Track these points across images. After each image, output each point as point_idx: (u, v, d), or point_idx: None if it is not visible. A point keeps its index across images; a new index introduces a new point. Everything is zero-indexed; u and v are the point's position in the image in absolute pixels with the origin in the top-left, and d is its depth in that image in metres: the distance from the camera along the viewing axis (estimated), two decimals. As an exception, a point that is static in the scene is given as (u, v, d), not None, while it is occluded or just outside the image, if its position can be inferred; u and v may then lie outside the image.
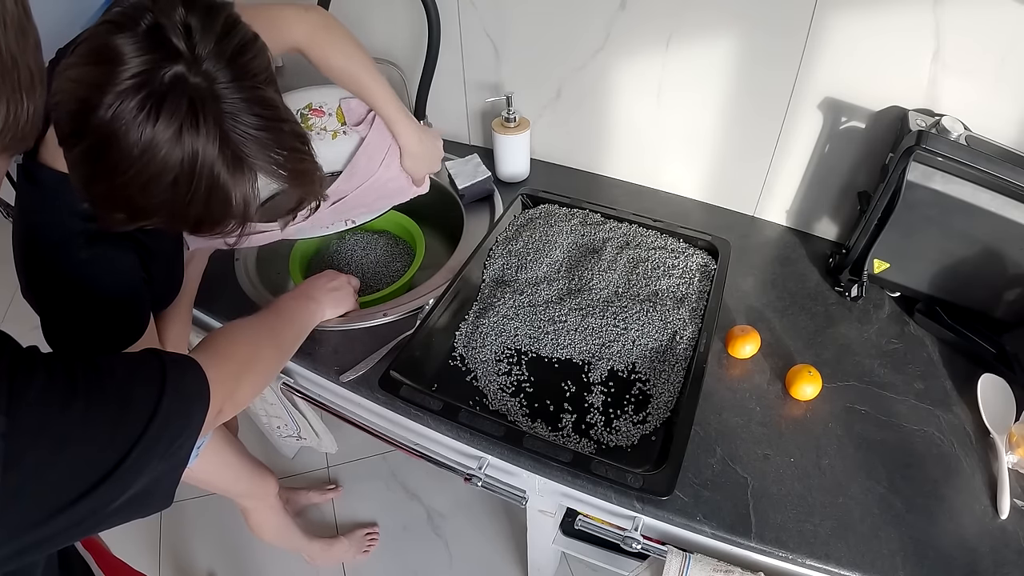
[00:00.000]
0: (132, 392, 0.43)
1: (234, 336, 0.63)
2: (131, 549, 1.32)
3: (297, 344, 0.74)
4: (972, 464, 0.69)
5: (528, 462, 0.70)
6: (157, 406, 0.43)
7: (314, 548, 1.30)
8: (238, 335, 0.63)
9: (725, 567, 0.66)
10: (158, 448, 0.43)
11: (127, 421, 0.41)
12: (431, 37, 1.00)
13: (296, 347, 0.74)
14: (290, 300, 0.77)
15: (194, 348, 0.57)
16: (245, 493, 1.06)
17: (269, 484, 1.09)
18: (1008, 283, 0.77)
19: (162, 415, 0.43)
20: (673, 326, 0.81)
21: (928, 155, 0.72)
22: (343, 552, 1.34)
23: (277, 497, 1.13)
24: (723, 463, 0.69)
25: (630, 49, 0.96)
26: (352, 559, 1.36)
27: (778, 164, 0.96)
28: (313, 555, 1.31)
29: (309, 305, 0.78)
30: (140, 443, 0.41)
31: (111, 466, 0.40)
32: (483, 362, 0.80)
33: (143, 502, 0.45)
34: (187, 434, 0.47)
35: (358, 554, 1.36)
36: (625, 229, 0.96)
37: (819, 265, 0.95)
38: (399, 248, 1.10)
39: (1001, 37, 0.72)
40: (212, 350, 0.57)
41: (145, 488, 0.44)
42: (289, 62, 1.33)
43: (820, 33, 0.81)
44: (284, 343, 0.71)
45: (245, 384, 0.59)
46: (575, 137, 1.12)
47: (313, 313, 0.78)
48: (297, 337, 0.74)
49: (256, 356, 0.63)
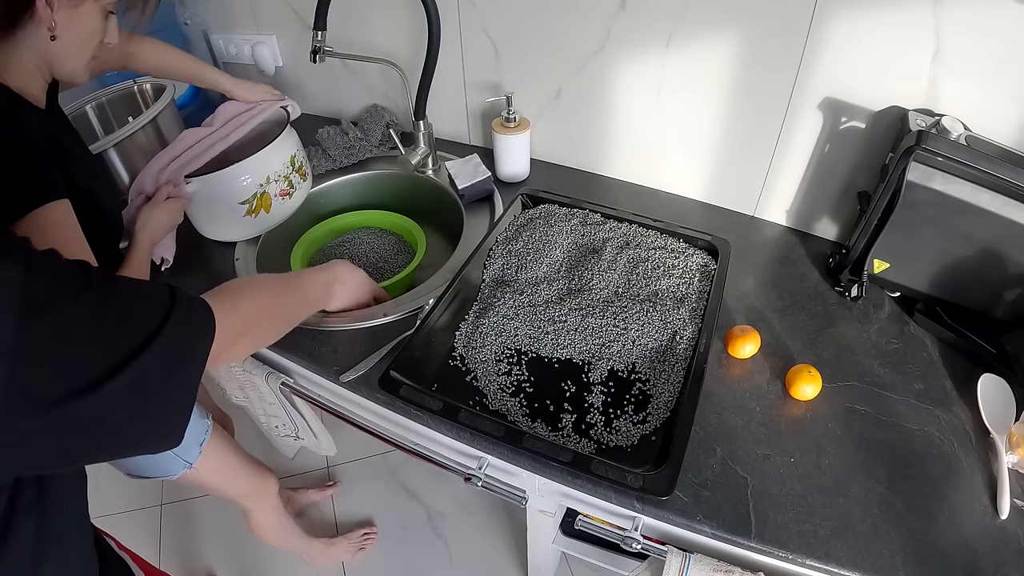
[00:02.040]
0: (140, 306, 0.44)
1: (249, 292, 0.64)
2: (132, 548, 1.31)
3: (302, 319, 0.75)
4: (972, 464, 0.69)
5: (528, 462, 0.70)
6: (162, 325, 0.44)
7: (313, 548, 1.30)
8: (253, 292, 0.65)
9: (725, 567, 0.66)
10: (158, 367, 0.44)
11: (131, 331, 0.42)
12: (431, 37, 1.00)
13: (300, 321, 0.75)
14: (310, 276, 0.78)
15: (208, 291, 0.57)
16: (246, 493, 1.06)
17: (270, 483, 1.09)
18: (1008, 283, 0.77)
19: (165, 335, 0.44)
20: (673, 326, 0.81)
21: (928, 155, 0.72)
22: (342, 552, 1.35)
23: (278, 497, 1.13)
24: (723, 463, 0.69)
25: (630, 49, 0.96)
26: (351, 559, 1.36)
27: (778, 164, 0.96)
28: (313, 556, 1.31)
29: (329, 288, 0.80)
30: (142, 354, 0.42)
31: (111, 367, 0.40)
32: (483, 362, 0.80)
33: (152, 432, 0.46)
34: (192, 364, 0.48)
35: (357, 553, 1.37)
36: (625, 229, 0.96)
37: (819, 265, 0.95)
38: (400, 247, 1.10)
39: (1001, 37, 0.72)
40: (223, 296, 0.58)
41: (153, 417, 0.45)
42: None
43: (820, 33, 0.81)
44: (291, 314, 0.72)
45: (244, 340, 0.60)
46: (575, 137, 1.12)
47: (328, 297, 0.80)
48: (305, 313, 0.75)
49: (263, 317, 0.64)
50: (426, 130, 1.10)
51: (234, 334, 0.56)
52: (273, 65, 1.34)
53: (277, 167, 0.96)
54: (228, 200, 0.93)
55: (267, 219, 0.98)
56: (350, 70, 1.26)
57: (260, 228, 1.00)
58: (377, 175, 1.18)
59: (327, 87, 1.32)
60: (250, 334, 0.61)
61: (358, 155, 1.17)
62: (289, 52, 1.32)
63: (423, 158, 1.12)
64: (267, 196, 0.96)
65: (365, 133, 1.19)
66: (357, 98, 1.30)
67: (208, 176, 0.91)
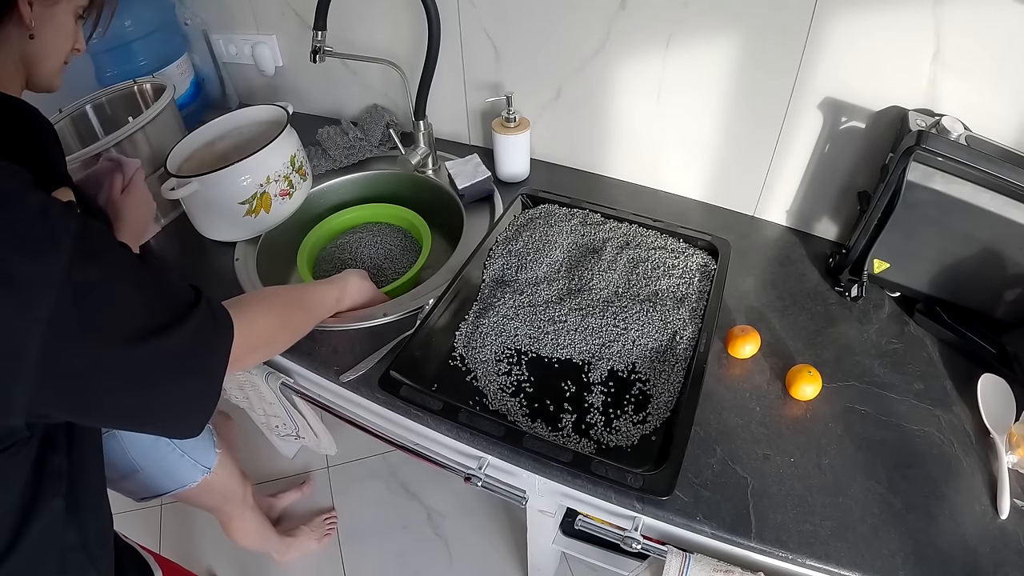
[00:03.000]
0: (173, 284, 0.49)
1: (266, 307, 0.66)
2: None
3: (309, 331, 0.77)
4: (972, 464, 0.69)
5: (528, 462, 0.70)
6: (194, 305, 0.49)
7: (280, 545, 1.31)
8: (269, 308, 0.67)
9: (725, 567, 0.66)
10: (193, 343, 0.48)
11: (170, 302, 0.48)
12: (431, 37, 1.00)
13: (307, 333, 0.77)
14: (323, 293, 0.81)
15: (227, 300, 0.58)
16: (241, 494, 1.07)
17: (249, 485, 1.12)
18: (1008, 283, 0.77)
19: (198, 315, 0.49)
20: (673, 326, 0.81)
21: (928, 155, 0.72)
22: (306, 541, 1.37)
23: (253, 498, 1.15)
24: (723, 463, 0.69)
25: (630, 49, 0.96)
26: (318, 546, 1.38)
27: (778, 164, 0.96)
28: (281, 552, 1.32)
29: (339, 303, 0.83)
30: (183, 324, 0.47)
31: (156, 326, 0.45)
32: (483, 362, 0.80)
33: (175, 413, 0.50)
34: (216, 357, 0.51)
35: (321, 538, 1.39)
36: (625, 229, 0.96)
37: (819, 265, 0.95)
38: (406, 245, 1.10)
39: (1001, 37, 0.72)
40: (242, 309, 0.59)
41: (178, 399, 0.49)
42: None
43: (820, 33, 0.81)
44: (302, 329, 0.74)
45: (257, 354, 0.65)
46: (575, 137, 1.12)
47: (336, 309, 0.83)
48: (313, 325, 0.78)
49: (277, 334, 0.67)
50: (426, 130, 1.10)
51: (248, 347, 0.59)
52: (273, 65, 1.34)
53: (277, 167, 0.96)
54: (228, 200, 0.93)
55: (267, 219, 0.98)
56: (350, 70, 1.26)
57: (260, 228, 1.00)
58: (377, 175, 1.18)
59: (327, 87, 1.32)
60: (263, 349, 0.64)
61: (358, 155, 1.17)
62: (289, 52, 1.31)
63: (423, 158, 1.12)
64: (267, 196, 0.96)
65: (365, 133, 1.19)
66: (357, 98, 1.30)
67: (207, 176, 0.90)
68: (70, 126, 1.13)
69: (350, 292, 0.84)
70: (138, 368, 0.44)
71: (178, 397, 0.48)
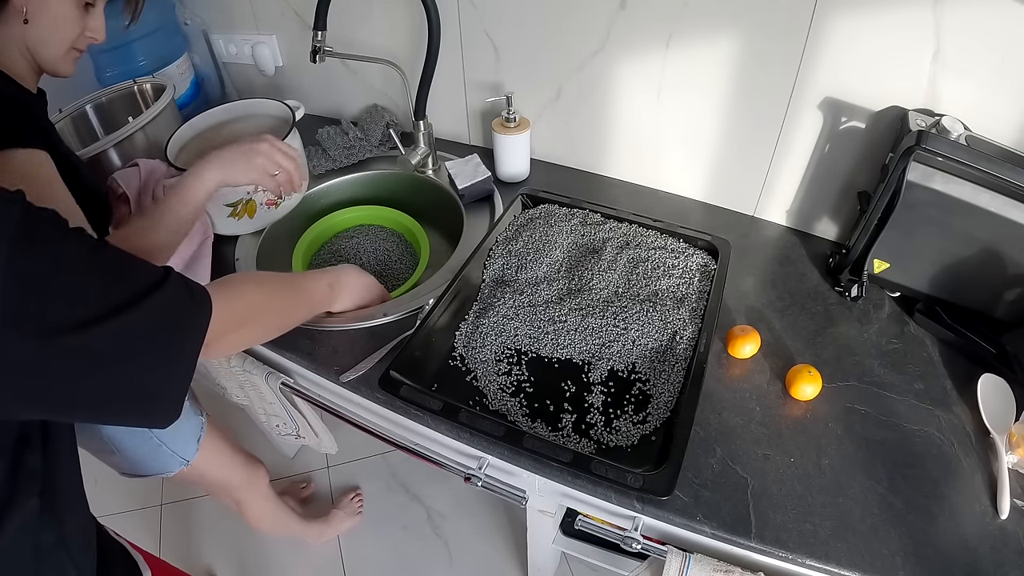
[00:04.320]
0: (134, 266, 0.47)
1: (249, 287, 0.64)
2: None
3: (303, 319, 0.76)
4: (972, 464, 0.69)
5: (528, 462, 0.70)
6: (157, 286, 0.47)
7: (313, 529, 1.33)
8: (253, 288, 0.65)
9: (725, 567, 0.66)
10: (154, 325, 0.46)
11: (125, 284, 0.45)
12: (431, 37, 1.00)
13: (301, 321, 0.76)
14: (314, 277, 0.79)
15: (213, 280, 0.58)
16: (241, 483, 1.07)
17: (261, 472, 1.12)
18: (1008, 283, 0.77)
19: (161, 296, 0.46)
20: (673, 326, 0.81)
21: (928, 155, 0.72)
22: (340, 522, 1.38)
23: (269, 486, 1.15)
24: (723, 463, 0.69)
25: (630, 49, 0.96)
26: (353, 524, 1.40)
27: (778, 164, 0.96)
28: (315, 536, 1.34)
29: (333, 288, 0.81)
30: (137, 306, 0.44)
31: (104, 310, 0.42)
32: (483, 362, 0.80)
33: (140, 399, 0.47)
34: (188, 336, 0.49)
35: (353, 517, 1.41)
36: (625, 229, 0.96)
37: (819, 265, 0.95)
38: (403, 250, 1.10)
39: (1001, 37, 0.72)
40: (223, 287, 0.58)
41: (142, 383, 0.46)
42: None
43: (820, 33, 0.81)
44: (290, 314, 0.73)
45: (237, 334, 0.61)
46: (575, 137, 1.12)
47: (332, 298, 0.81)
48: (306, 313, 0.77)
49: (259, 314, 0.65)
50: (426, 130, 1.10)
51: (228, 325, 0.57)
52: (273, 65, 1.34)
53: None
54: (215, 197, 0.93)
55: (248, 224, 0.98)
56: (350, 70, 1.26)
57: (240, 231, 1.00)
58: (377, 175, 1.18)
59: (327, 87, 1.32)
60: (244, 329, 0.62)
61: (358, 155, 1.17)
62: (289, 52, 1.32)
63: (423, 158, 1.12)
64: (253, 204, 0.96)
65: (365, 133, 1.19)
66: (357, 98, 1.30)
67: None
68: (70, 126, 1.14)
69: (344, 282, 0.82)
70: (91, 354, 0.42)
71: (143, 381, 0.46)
